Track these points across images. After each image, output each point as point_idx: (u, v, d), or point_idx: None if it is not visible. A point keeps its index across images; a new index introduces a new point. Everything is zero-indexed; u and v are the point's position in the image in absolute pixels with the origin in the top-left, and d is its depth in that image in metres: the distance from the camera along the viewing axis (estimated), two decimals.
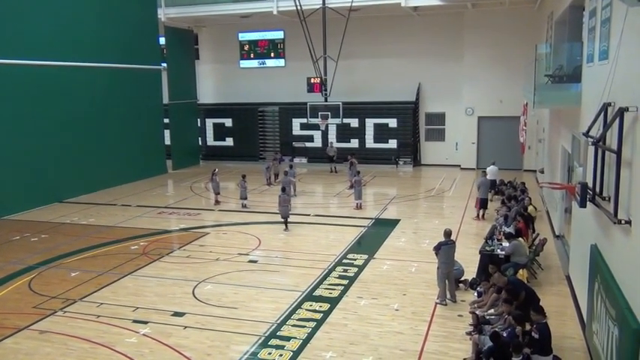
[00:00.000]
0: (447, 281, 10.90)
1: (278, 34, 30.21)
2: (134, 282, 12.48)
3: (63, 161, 21.15)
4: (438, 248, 11.00)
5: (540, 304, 9.07)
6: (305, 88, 25.69)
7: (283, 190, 17.16)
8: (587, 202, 8.06)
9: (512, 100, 24.67)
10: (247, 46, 30.90)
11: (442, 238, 11.18)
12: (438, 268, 11.03)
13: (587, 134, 8.59)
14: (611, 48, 8.22)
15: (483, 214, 17.29)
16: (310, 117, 25.24)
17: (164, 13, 27.18)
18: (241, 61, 31.06)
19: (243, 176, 19.89)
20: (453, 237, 11.40)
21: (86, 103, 22.21)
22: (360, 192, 19.20)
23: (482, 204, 17.31)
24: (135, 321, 10.37)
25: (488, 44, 25.58)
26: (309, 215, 18.47)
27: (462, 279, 11.67)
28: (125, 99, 24.19)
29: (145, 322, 10.29)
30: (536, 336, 7.94)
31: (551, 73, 13.36)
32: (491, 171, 19.96)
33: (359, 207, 18.99)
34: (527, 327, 8.44)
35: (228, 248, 14.84)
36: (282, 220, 16.65)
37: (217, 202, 20.14)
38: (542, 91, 12.62)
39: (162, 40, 27.42)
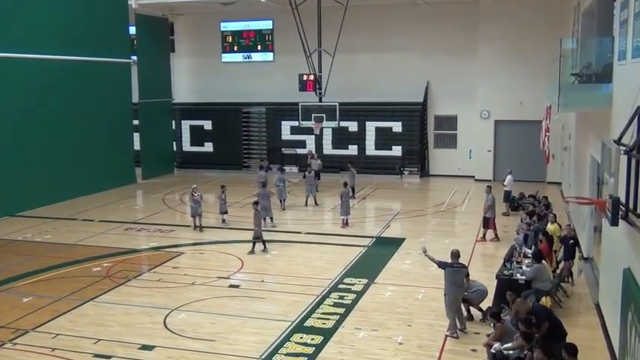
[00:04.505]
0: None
1: (266, 24, 30.32)
2: (96, 309, 12.38)
3: (15, 168, 21.04)
4: (442, 267, 11.02)
5: (567, 338, 9.05)
6: (297, 86, 25.75)
7: (256, 203, 16.98)
8: (620, 220, 8.09)
9: (533, 102, 24.81)
10: (230, 37, 30.99)
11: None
12: (444, 294, 11.04)
13: (619, 142, 8.64)
14: None
15: (484, 235, 17.42)
16: (302, 119, 25.26)
17: None
18: (223, 55, 31.13)
19: (222, 187, 19.81)
20: (465, 260, 11.38)
21: (43, 102, 22.15)
22: (347, 206, 19.14)
23: (490, 223, 17.41)
24: (96, 355, 10.28)
25: (507, 38, 25.76)
26: (299, 233, 18.41)
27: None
28: (89, 97, 24.14)
29: (109, 357, 10.21)
30: None
31: (578, 71, 13.48)
32: (508, 181, 20.26)
33: (345, 224, 18.96)
34: None
35: (205, 271, 14.76)
36: (255, 241, 16.29)
37: (199, 228, 18.69)
38: (567, 92, 12.72)
39: (132, 30, 27.47)
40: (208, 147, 31.43)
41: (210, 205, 22.13)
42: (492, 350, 9.38)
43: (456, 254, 11.25)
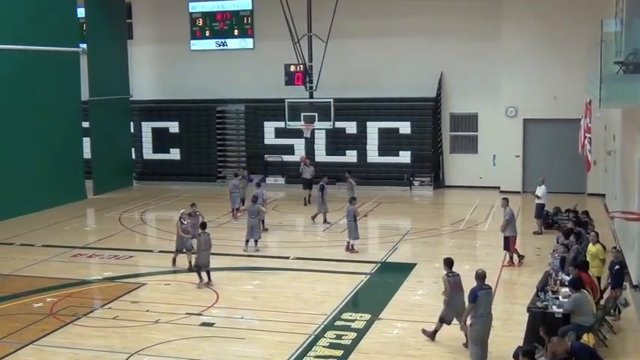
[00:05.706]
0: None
1: (244, 4, 30.43)
2: (38, 354, 12.31)
3: None
4: (474, 297, 11.04)
5: None
6: (282, 79, 25.82)
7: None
8: None
9: (570, 96, 24.95)
10: (201, 20, 31.07)
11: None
12: (470, 325, 11.06)
13: None
14: None
15: (512, 258, 17.51)
16: (289, 120, 25.31)
17: None
18: (192, 42, 31.21)
19: (193, 205, 19.73)
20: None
21: None
22: (355, 226, 19.07)
23: (511, 243, 17.54)
24: None
25: (537, 18, 25.88)
26: (287, 258, 18.41)
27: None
28: (27, 94, 24.10)
29: None
30: None
31: (623, 59, 13.58)
32: (542, 192, 20.45)
33: (351, 249, 18.88)
34: None
35: (173, 306, 14.73)
36: (198, 270, 16.03)
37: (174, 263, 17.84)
38: (610, 85, 12.81)
39: (81, 12, 27.51)
40: (175, 154, 31.41)
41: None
42: None
43: (481, 276, 11.29)
